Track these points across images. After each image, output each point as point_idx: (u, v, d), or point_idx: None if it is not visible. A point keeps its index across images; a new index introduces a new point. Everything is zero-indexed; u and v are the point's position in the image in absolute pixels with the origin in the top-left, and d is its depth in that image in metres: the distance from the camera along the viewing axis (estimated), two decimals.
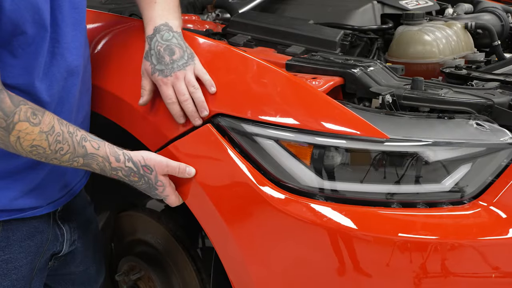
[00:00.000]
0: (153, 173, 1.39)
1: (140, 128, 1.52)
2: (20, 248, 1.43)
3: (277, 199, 1.33)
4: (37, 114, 1.24)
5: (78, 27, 1.40)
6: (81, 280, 1.72)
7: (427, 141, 1.31)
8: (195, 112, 1.38)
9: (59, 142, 1.27)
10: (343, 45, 1.85)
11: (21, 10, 1.21)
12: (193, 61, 1.41)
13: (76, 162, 1.31)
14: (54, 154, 1.28)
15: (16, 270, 1.43)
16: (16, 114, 1.21)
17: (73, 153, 1.30)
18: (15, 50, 1.25)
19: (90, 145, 1.32)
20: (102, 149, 1.34)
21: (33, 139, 1.24)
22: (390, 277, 1.31)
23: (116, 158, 1.35)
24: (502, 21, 2.20)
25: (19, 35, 1.24)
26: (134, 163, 1.37)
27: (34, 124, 1.23)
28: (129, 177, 1.37)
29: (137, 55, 1.57)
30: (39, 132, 1.24)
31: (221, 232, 1.40)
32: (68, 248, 1.58)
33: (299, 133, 1.34)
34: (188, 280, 1.81)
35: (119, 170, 1.36)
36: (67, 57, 1.37)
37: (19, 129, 1.22)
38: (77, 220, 1.62)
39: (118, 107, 1.56)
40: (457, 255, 1.30)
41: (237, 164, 1.36)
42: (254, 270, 1.39)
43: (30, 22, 1.24)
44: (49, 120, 1.26)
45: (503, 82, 1.55)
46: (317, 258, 1.34)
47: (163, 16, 1.44)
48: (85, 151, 1.31)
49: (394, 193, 1.33)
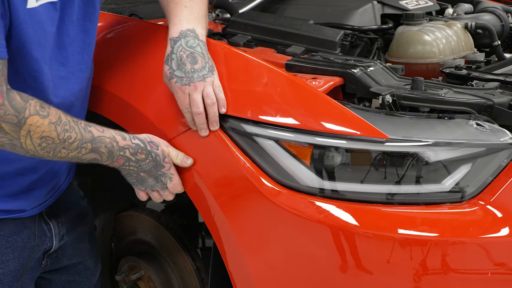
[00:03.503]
0: (159, 148, 1.40)
1: (140, 128, 1.52)
2: (7, 243, 1.45)
3: (276, 194, 1.33)
4: (44, 107, 1.27)
5: (86, 49, 1.43)
6: (78, 273, 1.73)
7: (427, 141, 1.31)
8: (205, 125, 1.38)
9: (67, 130, 1.29)
10: (343, 45, 1.85)
11: (29, 30, 1.24)
12: (213, 75, 1.39)
13: (84, 148, 1.33)
14: (63, 143, 1.29)
15: (3, 265, 1.45)
16: (26, 109, 1.23)
17: (81, 139, 1.31)
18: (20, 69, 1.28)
19: (95, 129, 1.34)
20: (107, 131, 1.36)
21: (42, 131, 1.26)
22: (390, 273, 1.32)
23: (122, 137, 1.37)
24: (502, 21, 2.20)
25: (25, 55, 1.27)
26: (141, 140, 1.39)
27: (43, 117, 1.25)
28: (136, 155, 1.38)
29: (137, 55, 1.57)
30: (48, 123, 1.26)
31: (221, 226, 1.41)
32: (58, 243, 1.60)
33: (299, 133, 1.34)
34: (188, 280, 1.81)
35: (127, 149, 1.37)
36: (72, 80, 1.41)
37: (30, 123, 1.24)
38: (65, 215, 1.63)
39: (118, 107, 1.56)
40: (453, 252, 1.30)
41: (238, 161, 1.36)
42: (253, 264, 1.39)
43: (36, 44, 1.27)
44: (55, 112, 1.29)
45: (503, 82, 1.55)
46: (315, 253, 1.34)
47: (191, 21, 1.42)
48: (92, 135, 1.33)
49: (395, 193, 1.33)
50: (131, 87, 1.55)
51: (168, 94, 1.44)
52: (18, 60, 1.27)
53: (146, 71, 1.53)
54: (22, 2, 1.22)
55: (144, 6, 2.23)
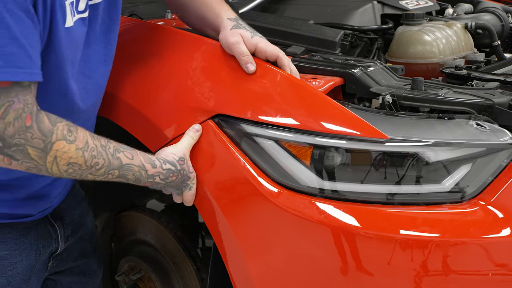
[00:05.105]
0: (185, 161, 1.40)
1: (140, 128, 1.52)
2: (15, 246, 1.45)
3: (276, 195, 1.33)
4: (72, 131, 1.23)
5: (108, 60, 1.45)
6: (83, 273, 1.73)
7: (427, 142, 1.31)
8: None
9: (94, 157, 1.26)
10: (343, 45, 1.85)
11: (66, 48, 1.25)
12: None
13: (111, 174, 1.30)
14: (89, 170, 1.26)
15: (11, 267, 1.45)
16: (53, 133, 1.20)
17: (108, 166, 1.28)
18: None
19: (124, 155, 1.31)
20: (137, 158, 1.33)
21: (69, 157, 1.22)
22: (392, 273, 1.31)
23: (152, 164, 1.35)
24: (502, 21, 2.19)
25: (60, 74, 1.27)
26: (171, 163, 1.37)
27: (70, 142, 1.22)
28: (166, 180, 1.37)
29: (136, 55, 1.57)
30: (75, 149, 1.23)
31: (221, 227, 1.41)
32: (64, 245, 1.60)
33: (299, 134, 1.34)
34: (188, 280, 1.81)
35: (157, 176, 1.35)
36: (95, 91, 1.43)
37: (57, 149, 1.20)
38: (69, 216, 1.63)
39: (119, 108, 1.56)
40: (454, 252, 1.30)
41: (238, 161, 1.36)
42: (253, 265, 1.39)
43: (70, 62, 1.27)
44: (83, 136, 1.25)
45: (503, 82, 1.55)
46: (316, 253, 1.34)
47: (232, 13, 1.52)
48: (120, 162, 1.30)
49: (395, 194, 1.33)
50: (132, 89, 1.55)
51: (169, 95, 1.44)
52: (52, 79, 1.25)
53: (147, 72, 1.53)
54: (62, 22, 1.22)
55: (144, 6, 2.23)
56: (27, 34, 1.13)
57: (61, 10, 1.21)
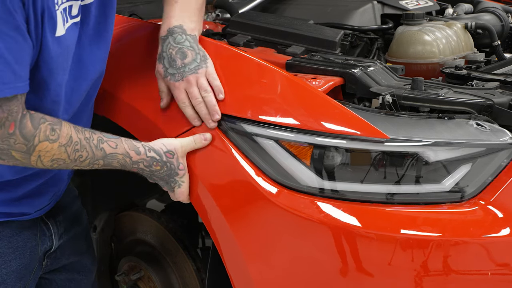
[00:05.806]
0: (175, 156, 1.39)
1: (141, 128, 1.52)
2: (8, 244, 1.46)
3: (276, 195, 1.33)
4: (55, 129, 1.26)
5: (102, 58, 1.44)
6: (77, 271, 1.73)
7: (427, 141, 1.31)
8: (208, 115, 1.38)
9: (77, 150, 1.29)
10: (343, 45, 1.85)
11: (58, 57, 1.25)
12: (205, 64, 1.40)
13: (96, 164, 1.33)
14: (74, 162, 1.30)
15: (5, 265, 1.46)
16: (36, 136, 1.23)
17: (92, 157, 1.31)
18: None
19: (107, 145, 1.33)
20: (120, 146, 1.35)
21: (53, 154, 1.26)
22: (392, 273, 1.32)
23: (136, 151, 1.36)
24: (502, 21, 2.20)
25: (50, 83, 1.28)
26: (156, 152, 1.38)
27: (53, 141, 1.26)
28: (150, 167, 1.38)
29: (136, 55, 1.57)
30: (58, 146, 1.26)
31: (221, 227, 1.41)
32: (57, 242, 1.60)
33: (299, 133, 1.34)
34: (188, 280, 1.81)
35: (140, 162, 1.37)
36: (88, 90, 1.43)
37: (40, 149, 1.25)
38: (63, 214, 1.63)
39: (117, 107, 1.56)
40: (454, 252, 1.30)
41: (238, 161, 1.36)
42: (253, 267, 1.39)
43: (61, 69, 1.28)
44: (67, 132, 1.28)
45: (503, 82, 1.55)
46: (316, 253, 1.34)
47: (179, 17, 1.44)
48: (103, 153, 1.33)
49: (394, 193, 1.33)
50: (130, 88, 1.55)
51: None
52: (43, 87, 1.27)
53: (145, 71, 1.53)
54: (52, 32, 1.23)
55: (144, 6, 2.23)
56: (14, 50, 1.15)
57: (50, 21, 1.22)
